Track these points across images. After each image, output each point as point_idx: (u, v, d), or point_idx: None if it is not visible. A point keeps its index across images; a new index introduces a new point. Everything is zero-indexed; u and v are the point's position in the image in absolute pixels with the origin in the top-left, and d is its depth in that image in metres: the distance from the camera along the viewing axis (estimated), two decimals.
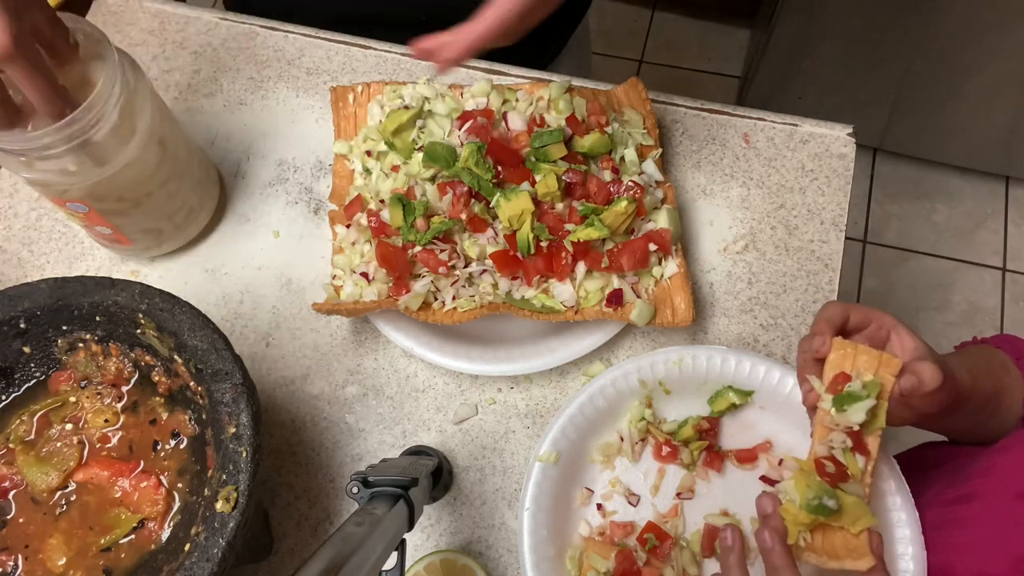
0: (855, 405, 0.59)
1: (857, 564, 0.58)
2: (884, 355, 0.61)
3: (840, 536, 0.59)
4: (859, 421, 0.59)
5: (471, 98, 0.81)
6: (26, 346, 0.65)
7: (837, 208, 0.85)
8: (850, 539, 0.59)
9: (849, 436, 0.60)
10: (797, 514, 0.58)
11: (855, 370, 0.61)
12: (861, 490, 0.60)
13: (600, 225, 0.72)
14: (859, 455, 0.60)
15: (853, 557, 0.58)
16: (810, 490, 0.58)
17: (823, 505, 0.57)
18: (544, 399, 0.78)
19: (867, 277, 2.00)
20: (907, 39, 1.68)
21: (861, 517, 0.58)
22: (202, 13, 0.95)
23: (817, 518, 0.58)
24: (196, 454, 0.64)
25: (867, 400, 0.59)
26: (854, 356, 0.61)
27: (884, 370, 0.61)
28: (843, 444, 0.60)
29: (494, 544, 0.74)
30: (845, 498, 0.59)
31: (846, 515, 0.58)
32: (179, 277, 0.84)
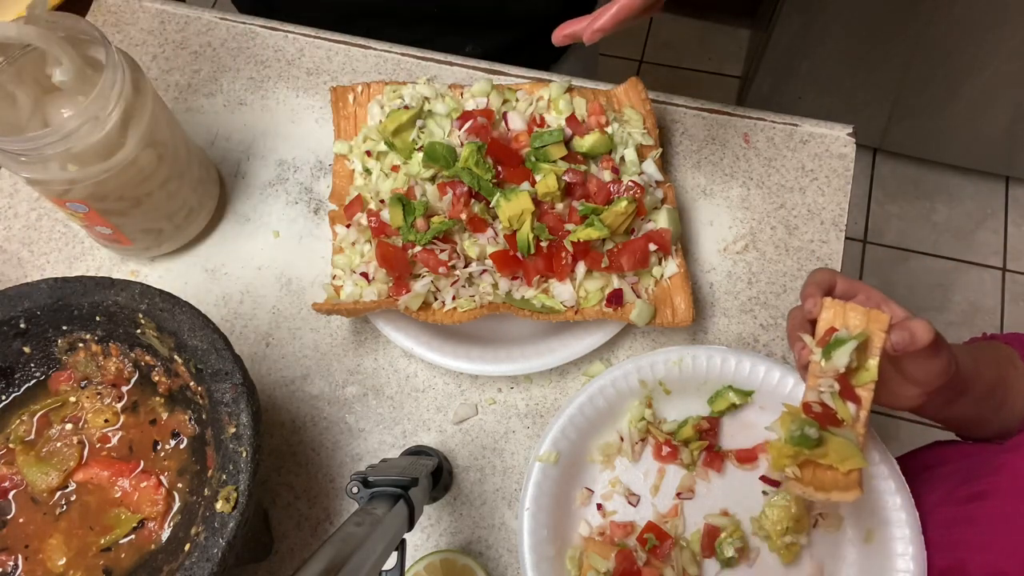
0: (839, 349, 0.60)
1: (844, 496, 0.59)
2: (873, 312, 0.61)
3: (830, 473, 0.60)
4: (844, 363, 0.60)
5: (471, 98, 0.81)
6: (26, 346, 0.65)
7: (837, 208, 0.85)
8: (839, 476, 0.60)
9: (837, 381, 0.61)
10: (782, 448, 0.60)
11: (844, 326, 0.61)
12: (853, 435, 0.60)
13: (600, 225, 0.72)
14: (850, 403, 0.61)
15: (840, 489, 0.59)
16: (794, 423, 0.59)
17: (804, 435, 0.58)
18: (544, 399, 0.78)
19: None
20: (907, 39, 1.68)
21: (850, 457, 0.59)
22: (202, 13, 0.95)
23: (801, 450, 0.59)
24: (196, 454, 0.64)
25: (850, 343, 0.60)
26: (844, 314, 0.62)
27: (873, 325, 0.61)
28: (831, 388, 0.61)
29: (494, 544, 0.74)
30: (833, 438, 0.59)
31: (834, 453, 0.59)
32: (179, 277, 0.84)
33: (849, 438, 0.60)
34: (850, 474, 0.59)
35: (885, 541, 0.67)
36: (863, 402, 0.61)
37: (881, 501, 0.68)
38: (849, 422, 0.61)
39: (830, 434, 0.60)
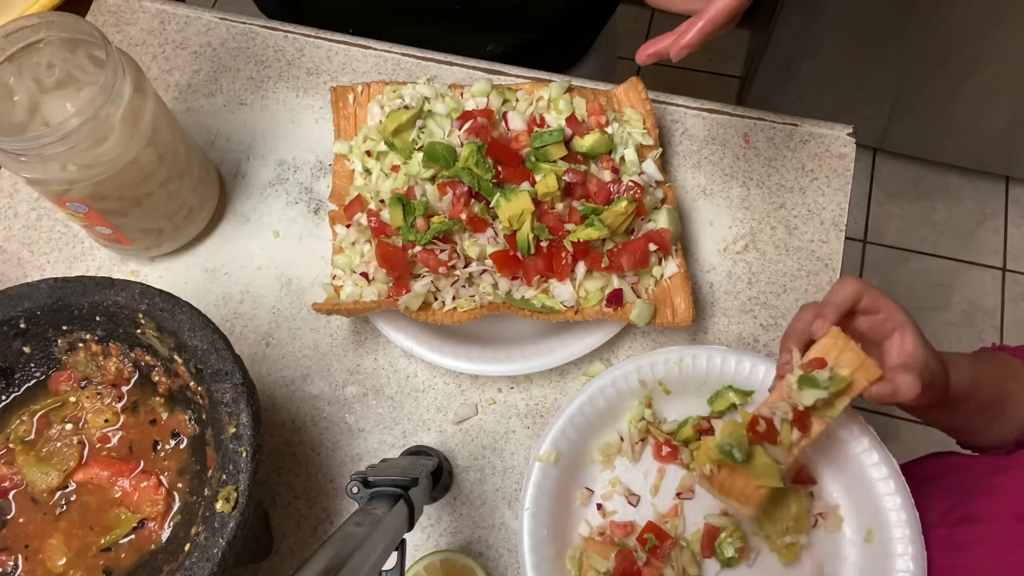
0: (811, 391, 0.62)
1: (741, 508, 0.63)
2: (868, 361, 0.62)
3: (741, 481, 0.63)
4: (807, 404, 0.62)
5: (471, 98, 0.81)
6: (26, 346, 0.65)
7: (837, 208, 0.85)
8: (749, 487, 0.63)
9: (793, 412, 0.63)
10: (711, 448, 0.63)
11: (835, 362, 0.62)
12: (783, 456, 0.63)
13: (600, 225, 0.72)
14: (797, 430, 0.63)
15: (740, 501, 0.63)
16: (730, 437, 0.62)
17: (731, 453, 0.62)
18: (544, 399, 0.78)
19: (867, 277, 2.00)
20: (907, 39, 1.68)
21: (768, 476, 0.62)
22: (202, 13, 0.95)
23: (723, 460, 0.63)
24: (196, 454, 0.64)
25: (822, 392, 0.62)
26: (841, 350, 0.63)
27: (861, 374, 0.62)
28: (785, 415, 0.63)
29: (494, 544, 0.74)
30: (761, 455, 0.63)
31: (753, 469, 0.63)
32: (179, 277, 0.84)
33: (777, 458, 0.63)
34: (758, 489, 0.63)
35: (885, 541, 0.67)
36: (811, 432, 0.63)
37: (881, 501, 0.68)
38: (785, 446, 0.63)
39: (761, 449, 0.63)
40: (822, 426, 0.63)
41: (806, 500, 0.70)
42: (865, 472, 0.69)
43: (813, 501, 0.71)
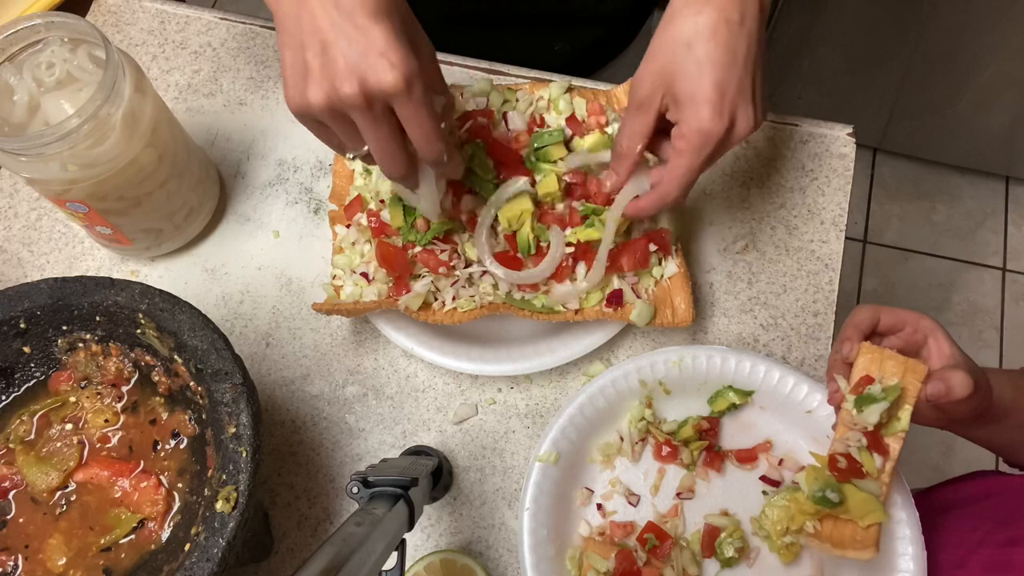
0: (872, 406, 0.60)
1: (860, 554, 0.60)
2: (911, 361, 0.61)
3: (849, 528, 0.61)
4: (874, 422, 0.61)
5: (471, 98, 0.81)
6: (26, 346, 0.65)
7: (837, 208, 0.85)
8: (858, 531, 0.61)
9: (865, 436, 0.61)
10: (804, 504, 0.61)
11: (880, 374, 0.62)
12: (877, 487, 0.61)
13: (600, 225, 0.72)
14: (877, 454, 0.61)
15: (857, 548, 0.60)
16: (816, 482, 0.61)
17: (825, 497, 0.60)
18: (544, 399, 0.78)
19: (867, 277, 2.00)
20: (907, 39, 1.68)
21: (871, 512, 0.60)
22: (202, 13, 0.95)
23: (821, 509, 0.60)
24: (196, 454, 0.64)
25: (882, 402, 0.60)
26: (881, 361, 0.62)
27: (910, 375, 0.61)
28: (859, 443, 0.61)
29: (494, 544, 0.74)
30: (855, 493, 0.60)
31: (855, 509, 0.60)
32: (179, 277, 0.84)
33: (872, 491, 0.61)
34: (869, 528, 0.61)
35: (885, 541, 0.67)
36: (891, 452, 0.62)
37: None
38: (874, 475, 0.61)
39: (853, 487, 0.61)
40: (899, 443, 0.62)
41: None
42: None
43: None
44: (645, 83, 0.63)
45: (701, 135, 0.60)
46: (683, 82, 0.60)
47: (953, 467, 1.81)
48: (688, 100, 0.60)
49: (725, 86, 0.60)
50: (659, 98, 0.63)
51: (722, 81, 0.59)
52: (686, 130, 0.61)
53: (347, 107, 0.54)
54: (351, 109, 0.54)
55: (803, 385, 0.71)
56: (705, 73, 0.59)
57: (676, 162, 0.63)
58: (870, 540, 0.60)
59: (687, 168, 0.63)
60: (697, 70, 0.60)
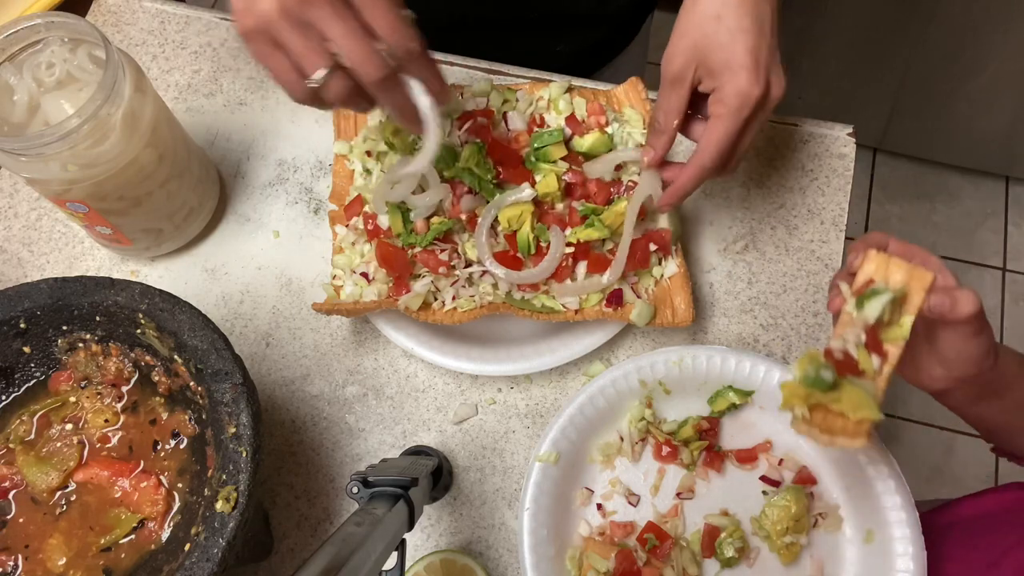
0: (872, 300, 0.58)
1: (850, 443, 0.57)
2: (918, 269, 0.58)
3: (840, 420, 0.58)
4: (875, 315, 0.58)
5: (471, 98, 0.81)
6: (26, 346, 0.65)
7: (837, 208, 0.85)
8: (849, 424, 0.58)
9: (864, 332, 0.58)
10: (795, 388, 0.58)
11: (885, 279, 0.59)
12: (872, 387, 0.58)
13: (600, 225, 0.72)
14: (875, 356, 0.59)
15: (847, 436, 0.57)
16: (811, 363, 0.58)
17: (819, 377, 0.57)
18: (544, 399, 0.78)
19: None
20: (907, 39, 1.68)
21: (864, 408, 0.57)
22: (202, 13, 0.95)
23: (813, 392, 0.57)
24: (196, 454, 0.64)
25: (884, 295, 0.57)
26: (887, 267, 0.59)
27: (916, 283, 0.58)
28: (857, 338, 0.58)
29: (494, 544, 0.74)
30: (849, 387, 0.58)
31: (847, 401, 0.57)
32: (179, 277, 0.84)
33: (867, 389, 0.58)
34: (860, 424, 0.57)
35: (885, 541, 0.67)
36: (889, 357, 0.59)
37: (881, 501, 0.68)
38: (870, 375, 0.58)
39: (847, 383, 0.58)
40: (898, 349, 0.58)
41: (806, 500, 0.70)
42: (865, 472, 0.69)
43: (813, 501, 0.71)
44: (677, 59, 0.66)
45: (740, 97, 0.63)
46: (717, 52, 0.63)
47: (953, 468, 1.81)
48: (724, 67, 0.63)
49: (758, 51, 0.63)
50: (692, 71, 0.65)
51: (755, 47, 0.63)
52: (724, 95, 0.64)
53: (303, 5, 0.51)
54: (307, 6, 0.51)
55: None
56: (738, 40, 0.63)
57: (714, 127, 0.65)
58: (861, 432, 0.57)
59: (726, 132, 0.64)
60: (730, 38, 0.63)
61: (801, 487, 0.71)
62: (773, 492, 0.71)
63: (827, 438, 0.58)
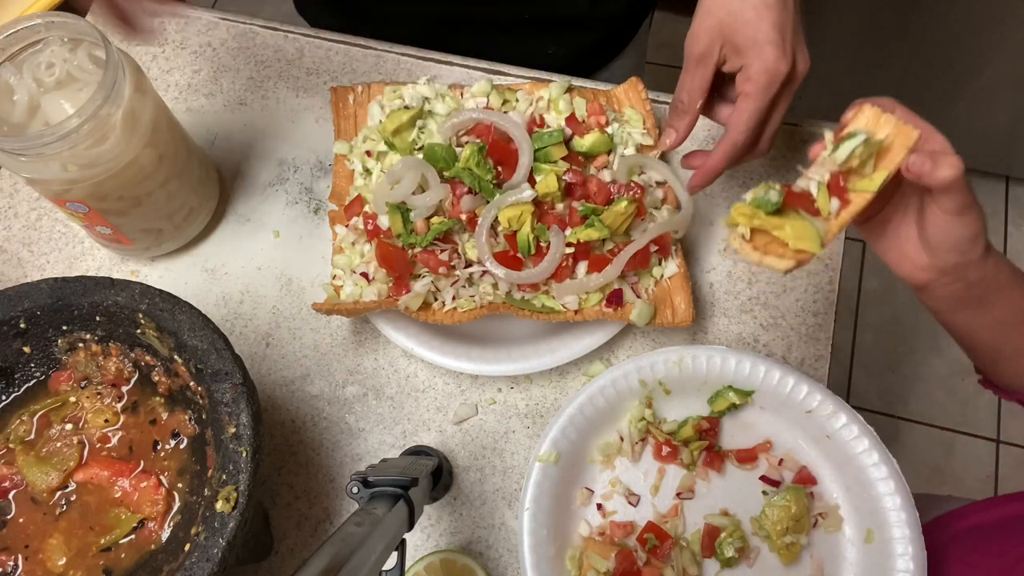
0: (848, 142, 0.56)
1: (777, 264, 0.57)
2: (906, 126, 0.56)
3: (779, 250, 0.57)
4: (843, 158, 0.56)
5: (471, 98, 0.81)
6: (26, 346, 0.65)
7: None
8: (787, 251, 0.57)
9: (830, 174, 0.58)
10: (742, 208, 0.58)
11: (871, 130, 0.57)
12: (823, 226, 0.57)
13: (600, 225, 0.72)
14: (836, 199, 0.57)
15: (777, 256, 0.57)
16: (761, 189, 0.57)
17: (766, 198, 0.57)
18: (544, 399, 0.78)
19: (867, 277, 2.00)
20: (907, 39, 1.68)
21: (807, 239, 0.56)
22: (202, 13, 0.95)
23: (759, 212, 0.57)
24: (196, 454, 0.64)
25: (858, 136, 0.56)
26: (876, 121, 0.57)
27: (900, 140, 0.56)
28: (820, 178, 0.58)
29: (494, 544, 0.74)
30: (797, 219, 0.57)
31: (791, 229, 0.57)
32: (179, 277, 0.84)
33: (815, 225, 0.57)
34: (797, 253, 0.57)
35: (885, 541, 0.67)
36: (849, 206, 0.57)
37: (881, 501, 0.68)
38: (824, 214, 0.57)
39: (797, 215, 0.57)
40: (862, 200, 0.57)
41: (806, 500, 0.70)
42: (865, 472, 0.69)
43: (813, 501, 0.71)
44: (702, 38, 0.66)
45: (768, 74, 0.63)
46: (743, 29, 0.63)
47: (953, 467, 1.81)
48: (751, 44, 0.63)
49: (783, 27, 0.63)
50: (717, 50, 0.66)
51: (780, 23, 0.63)
52: (752, 72, 0.64)
53: None
54: None
55: (803, 385, 0.71)
56: (764, 17, 0.63)
57: (743, 105, 0.65)
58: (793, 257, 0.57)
59: (755, 109, 0.65)
60: (756, 15, 0.63)
61: (801, 487, 0.71)
62: (773, 492, 0.71)
63: (757, 255, 0.57)
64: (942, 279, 0.59)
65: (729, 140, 0.67)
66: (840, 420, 0.70)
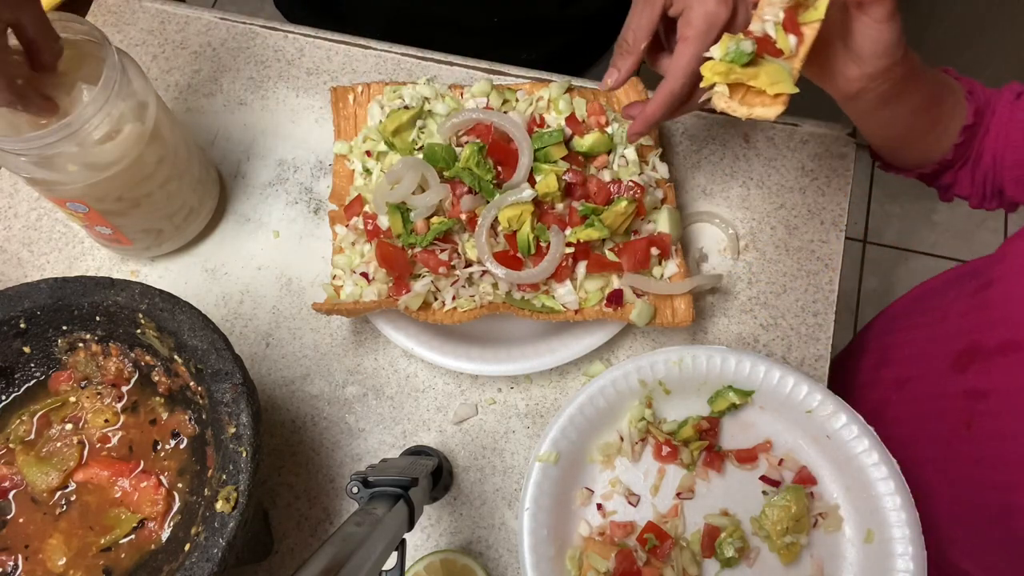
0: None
1: (766, 112, 0.60)
2: None
3: (758, 97, 0.60)
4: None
5: (471, 98, 0.81)
6: (26, 346, 0.65)
7: (837, 208, 0.85)
8: (766, 99, 0.60)
9: (783, 11, 0.60)
10: (715, 65, 0.60)
11: None
12: (788, 66, 0.60)
13: (600, 225, 0.72)
14: (792, 36, 0.60)
15: (764, 106, 0.60)
16: (730, 42, 0.60)
17: (739, 50, 0.59)
18: (544, 399, 0.78)
19: (867, 277, 2.00)
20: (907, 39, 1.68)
21: (781, 82, 0.59)
22: (202, 13, 0.95)
23: (733, 67, 0.59)
24: (196, 454, 0.64)
25: None
26: None
27: None
28: (775, 17, 0.60)
29: (494, 544, 0.74)
30: (767, 64, 0.60)
31: (765, 76, 0.59)
32: (179, 277, 0.84)
33: (783, 67, 0.60)
34: (777, 97, 0.60)
35: (885, 541, 0.67)
36: (804, 39, 0.60)
37: (881, 501, 0.68)
38: (788, 53, 0.60)
39: (765, 61, 0.60)
40: (813, 31, 0.60)
41: (806, 500, 0.70)
42: (865, 472, 0.69)
43: (813, 501, 0.71)
44: None
45: (707, 18, 0.63)
46: None
47: None
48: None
49: None
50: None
51: None
52: (692, 16, 0.63)
53: None
54: None
55: (803, 385, 0.71)
56: None
57: (681, 49, 0.65)
58: (778, 102, 0.60)
59: (692, 54, 0.64)
60: None
61: (801, 487, 0.71)
62: (773, 492, 0.71)
63: (745, 109, 0.60)
64: (871, 84, 0.64)
65: (667, 87, 0.66)
66: (840, 420, 0.70)
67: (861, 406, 0.71)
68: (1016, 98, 0.72)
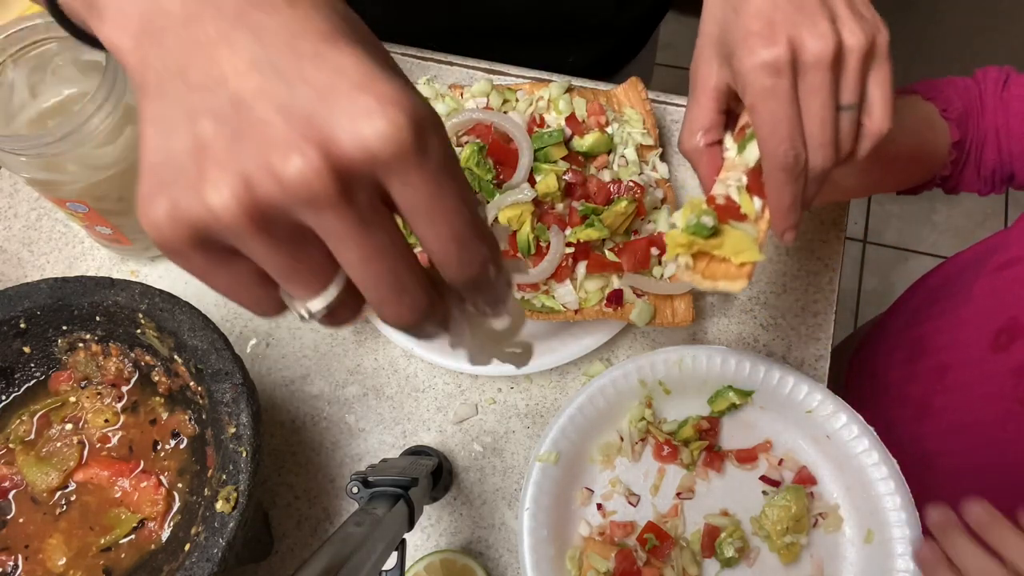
0: (751, 143, 0.56)
1: (731, 286, 0.57)
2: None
3: (722, 266, 0.58)
4: (754, 159, 0.56)
5: (471, 98, 0.81)
6: (26, 346, 0.65)
7: (837, 208, 0.85)
8: (731, 268, 0.57)
9: (745, 175, 0.57)
10: (677, 236, 0.57)
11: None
12: (754, 229, 0.57)
13: (600, 225, 0.72)
14: (756, 197, 0.57)
15: (729, 279, 0.57)
16: (692, 211, 0.57)
17: (700, 224, 0.56)
18: (544, 399, 0.78)
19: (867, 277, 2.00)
20: (906, 39, 1.68)
21: (746, 251, 0.56)
22: None
23: (695, 239, 0.57)
24: (196, 454, 0.64)
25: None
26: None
27: None
28: (738, 181, 0.57)
29: (494, 544, 0.74)
30: (731, 231, 0.57)
31: (729, 246, 0.57)
32: (179, 277, 0.84)
33: (748, 232, 0.57)
34: (742, 267, 0.57)
35: (885, 541, 0.67)
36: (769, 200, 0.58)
37: (881, 501, 0.68)
38: (752, 217, 0.58)
39: (729, 227, 0.57)
40: None
41: (806, 500, 0.70)
42: (865, 472, 0.69)
43: (813, 501, 0.71)
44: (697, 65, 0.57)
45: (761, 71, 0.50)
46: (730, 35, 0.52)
47: None
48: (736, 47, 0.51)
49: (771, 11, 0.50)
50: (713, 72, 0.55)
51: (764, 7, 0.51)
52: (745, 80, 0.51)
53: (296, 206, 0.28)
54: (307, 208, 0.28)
55: (803, 385, 0.71)
56: (742, 9, 0.51)
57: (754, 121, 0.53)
58: (742, 274, 0.57)
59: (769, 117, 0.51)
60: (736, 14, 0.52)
61: (801, 487, 0.71)
62: (773, 492, 0.71)
63: (709, 283, 0.58)
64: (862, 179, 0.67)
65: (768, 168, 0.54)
66: (840, 420, 0.70)
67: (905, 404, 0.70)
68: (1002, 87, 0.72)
